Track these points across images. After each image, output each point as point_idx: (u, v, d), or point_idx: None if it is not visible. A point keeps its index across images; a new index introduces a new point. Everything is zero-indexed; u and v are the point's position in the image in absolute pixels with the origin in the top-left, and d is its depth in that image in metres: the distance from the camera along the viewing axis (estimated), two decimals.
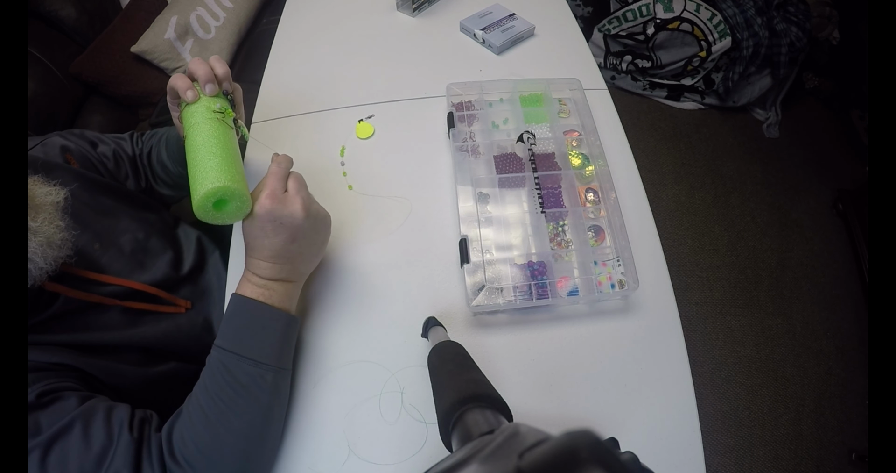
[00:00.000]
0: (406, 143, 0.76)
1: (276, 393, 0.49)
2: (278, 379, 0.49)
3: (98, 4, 1.48)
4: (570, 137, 0.73)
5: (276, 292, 0.51)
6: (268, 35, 0.99)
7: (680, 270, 1.60)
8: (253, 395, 0.47)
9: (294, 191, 0.49)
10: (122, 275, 0.57)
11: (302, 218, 0.48)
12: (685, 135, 1.95)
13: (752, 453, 1.30)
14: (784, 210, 1.77)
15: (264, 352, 0.49)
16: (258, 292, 0.50)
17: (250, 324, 0.49)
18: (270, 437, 0.50)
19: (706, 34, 1.77)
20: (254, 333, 0.49)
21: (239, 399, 0.46)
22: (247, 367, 0.47)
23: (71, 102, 1.35)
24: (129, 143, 0.71)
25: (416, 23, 0.94)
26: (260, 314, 0.50)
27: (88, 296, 0.52)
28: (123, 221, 0.62)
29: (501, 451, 0.23)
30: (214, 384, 0.47)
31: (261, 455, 0.48)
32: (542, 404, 0.55)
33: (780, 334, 1.50)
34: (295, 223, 0.48)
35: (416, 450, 0.52)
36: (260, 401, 0.47)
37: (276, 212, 0.48)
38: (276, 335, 0.50)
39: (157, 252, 0.64)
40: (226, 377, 0.47)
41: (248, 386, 0.47)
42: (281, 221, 0.48)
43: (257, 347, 0.48)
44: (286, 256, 0.50)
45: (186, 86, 0.53)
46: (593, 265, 0.61)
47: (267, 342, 0.49)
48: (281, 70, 0.87)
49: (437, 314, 0.57)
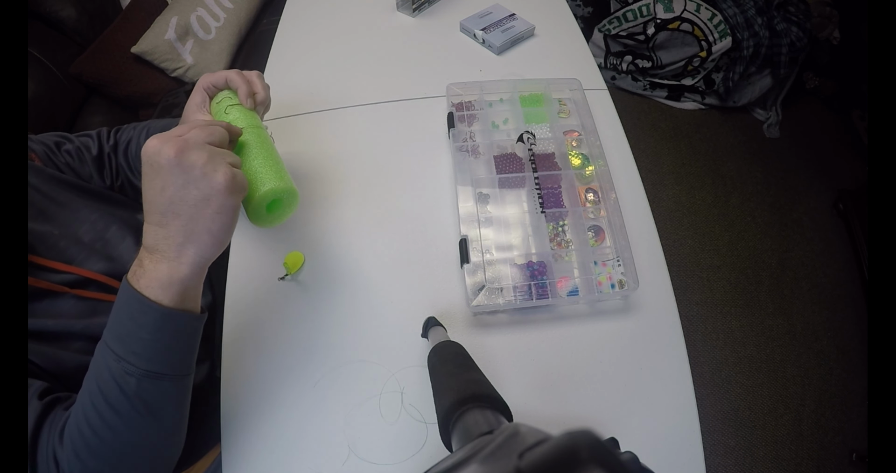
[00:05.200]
0: (406, 143, 0.76)
1: (141, 402, 0.41)
2: (145, 385, 0.41)
3: (98, 5, 1.49)
4: (570, 137, 0.73)
5: (146, 272, 0.40)
6: (268, 35, 0.99)
7: (680, 270, 1.60)
8: (114, 396, 0.40)
9: (184, 130, 0.42)
10: (76, 263, 0.57)
11: (167, 157, 0.39)
12: (685, 135, 1.95)
13: (753, 453, 1.30)
14: (784, 210, 1.77)
15: (128, 348, 0.40)
16: (132, 271, 0.41)
17: (119, 310, 0.41)
18: (137, 456, 0.43)
19: (706, 34, 1.77)
20: (121, 321, 0.41)
21: (100, 397, 0.40)
22: (110, 361, 0.40)
23: (71, 103, 1.35)
24: (96, 141, 0.69)
25: (416, 23, 0.94)
26: (127, 299, 0.41)
27: (37, 282, 0.51)
28: (82, 212, 0.61)
29: (501, 451, 0.23)
30: (88, 375, 0.42)
31: (122, 463, 0.43)
32: (542, 404, 0.55)
33: (780, 334, 1.50)
34: (159, 163, 0.39)
35: (416, 450, 0.52)
36: (122, 406, 0.40)
37: (148, 149, 0.40)
38: (142, 330, 0.40)
39: (117, 242, 0.63)
40: (95, 368, 0.41)
41: (108, 383, 0.40)
42: (149, 159, 0.40)
43: (121, 339, 0.41)
44: (159, 212, 0.40)
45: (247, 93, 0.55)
46: (593, 265, 0.61)
47: (132, 336, 0.40)
48: (281, 71, 0.87)
49: (437, 314, 0.57)
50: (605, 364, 0.58)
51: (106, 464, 0.41)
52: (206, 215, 0.40)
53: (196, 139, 0.41)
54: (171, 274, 0.40)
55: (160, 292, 0.40)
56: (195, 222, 0.40)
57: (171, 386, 0.43)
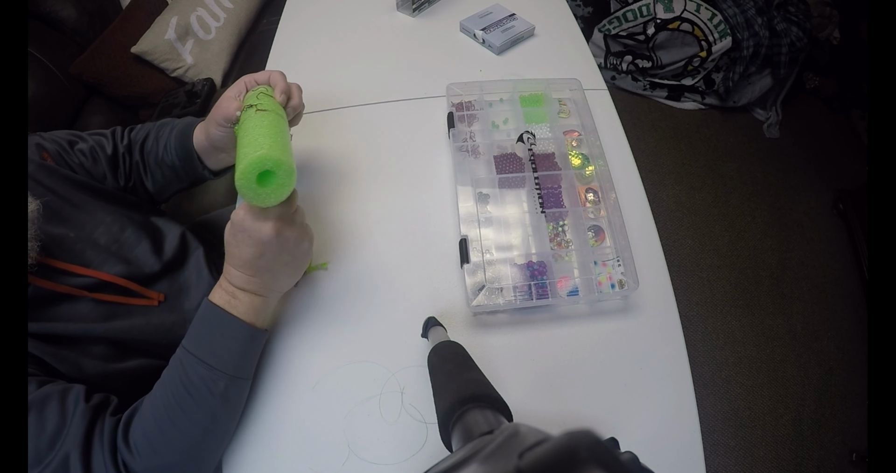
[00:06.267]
0: (406, 143, 0.76)
1: (225, 400, 0.49)
2: (230, 387, 0.50)
3: (98, 5, 1.49)
4: (570, 137, 0.73)
5: (242, 303, 0.51)
6: (268, 35, 0.99)
7: (680, 270, 1.60)
8: (202, 397, 0.48)
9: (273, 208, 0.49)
10: (94, 266, 0.57)
11: (270, 236, 0.48)
12: (685, 135, 1.95)
13: (753, 453, 1.30)
14: (784, 210, 1.77)
15: (221, 359, 0.49)
16: (225, 300, 0.51)
17: (212, 329, 0.50)
18: (214, 440, 0.51)
19: (706, 34, 1.77)
20: (213, 339, 0.50)
21: (189, 398, 0.47)
22: (201, 370, 0.48)
23: (71, 103, 1.35)
24: (110, 140, 0.69)
25: (416, 23, 0.94)
26: (221, 321, 0.50)
27: (56, 286, 0.52)
28: (98, 214, 0.61)
29: (501, 451, 0.23)
30: (171, 380, 0.48)
31: (201, 456, 0.50)
32: (542, 404, 0.55)
33: (780, 334, 1.50)
34: (263, 240, 0.48)
35: (416, 450, 0.52)
36: (208, 404, 0.48)
37: (245, 223, 0.48)
38: (236, 344, 0.50)
39: (133, 244, 0.63)
40: (181, 375, 0.48)
41: (199, 388, 0.48)
42: (249, 234, 0.48)
43: (215, 352, 0.49)
44: (254, 268, 0.50)
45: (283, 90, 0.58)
46: (593, 265, 0.61)
47: (225, 349, 0.50)
48: (281, 71, 0.86)
49: (437, 314, 0.57)
50: (605, 364, 0.58)
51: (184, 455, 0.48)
52: (293, 270, 0.54)
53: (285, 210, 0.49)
54: (264, 306, 0.53)
55: (254, 317, 0.52)
56: (285, 275, 0.53)
57: (244, 386, 0.53)
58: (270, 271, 0.51)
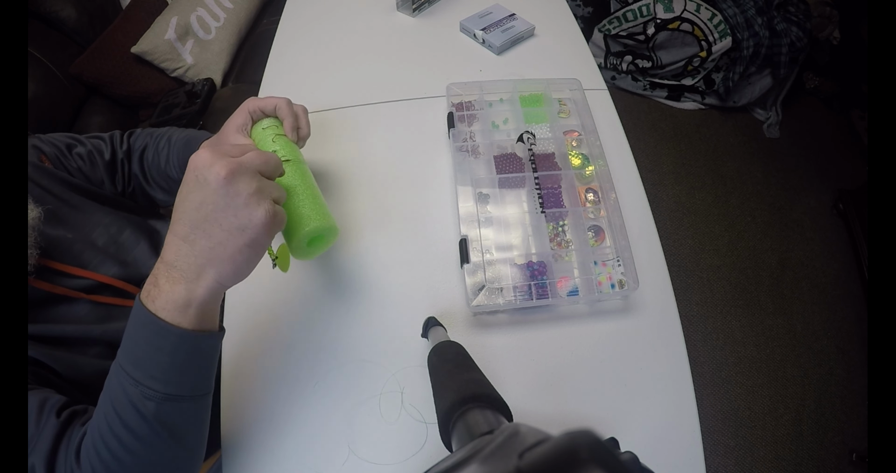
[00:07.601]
0: (406, 143, 0.76)
1: (161, 425, 0.39)
2: (165, 409, 0.39)
3: (98, 5, 1.49)
4: (570, 137, 0.73)
5: (163, 293, 0.38)
6: (268, 35, 0.99)
7: (680, 270, 1.60)
8: (134, 421, 0.38)
9: (237, 152, 0.40)
10: (91, 268, 0.57)
11: (217, 178, 0.37)
12: (685, 135, 1.95)
13: (753, 453, 1.30)
14: (784, 210, 1.77)
15: (145, 371, 0.38)
16: (146, 290, 0.39)
17: (136, 330, 0.39)
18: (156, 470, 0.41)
19: (706, 34, 1.77)
20: (136, 343, 0.39)
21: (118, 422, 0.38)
22: (127, 385, 0.38)
23: (71, 103, 1.35)
24: (108, 145, 0.68)
25: (416, 23, 0.94)
26: (142, 320, 0.38)
27: (53, 288, 0.52)
28: (96, 215, 0.61)
29: (501, 451, 0.23)
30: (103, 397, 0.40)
31: None
32: (542, 404, 0.55)
33: (780, 334, 1.50)
34: (209, 181, 0.37)
35: (416, 450, 0.52)
36: (142, 430, 0.38)
37: (198, 159, 0.38)
38: (162, 352, 0.38)
39: (131, 246, 0.62)
40: (110, 390, 0.39)
41: (126, 408, 0.38)
42: (198, 173, 0.38)
43: (138, 362, 0.38)
44: (190, 223, 0.38)
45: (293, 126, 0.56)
46: (593, 265, 0.61)
47: (149, 358, 0.38)
48: (281, 71, 0.87)
49: (437, 314, 0.57)
50: (605, 364, 0.58)
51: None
52: (235, 243, 0.38)
53: (250, 165, 0.39)
54: (189, 296, 0.38)
55: (177, 315, 0.38)
56: (223, 247, 0.38)
57: (191, 406, 0.41)
58: (207, 234, 0.38)
